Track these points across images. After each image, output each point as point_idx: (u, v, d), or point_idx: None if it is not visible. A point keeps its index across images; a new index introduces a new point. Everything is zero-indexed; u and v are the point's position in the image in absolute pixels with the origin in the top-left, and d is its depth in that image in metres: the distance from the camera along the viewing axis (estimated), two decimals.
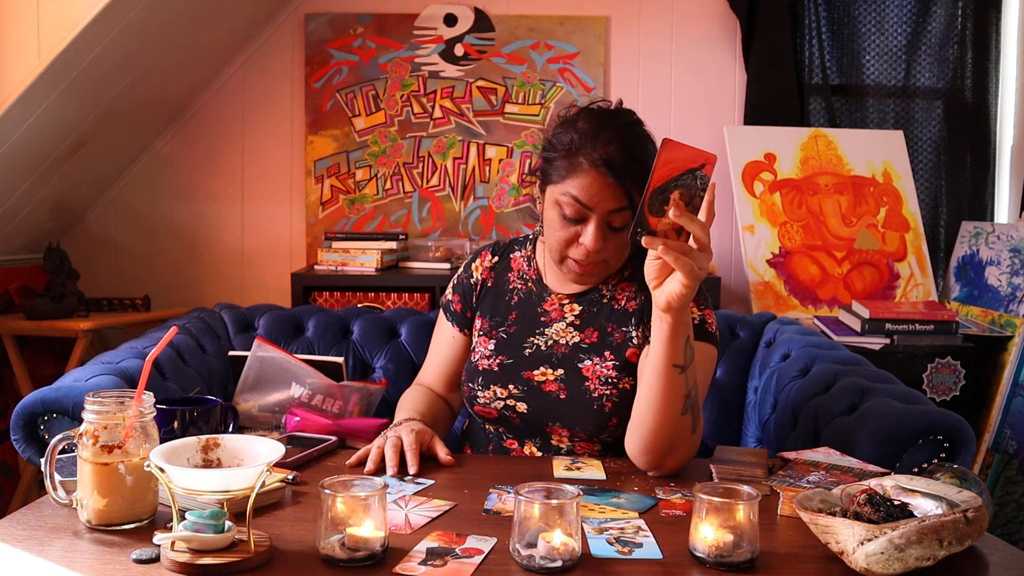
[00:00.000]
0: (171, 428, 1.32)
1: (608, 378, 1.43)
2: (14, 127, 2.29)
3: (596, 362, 1.45)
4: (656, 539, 1.05)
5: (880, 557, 0.91)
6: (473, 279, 1.61)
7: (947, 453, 1.41)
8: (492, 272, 1.60)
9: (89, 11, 2.13)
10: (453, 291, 1.63)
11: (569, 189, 1.37)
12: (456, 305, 1.61)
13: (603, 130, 1.36)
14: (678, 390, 1.27)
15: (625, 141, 1.36)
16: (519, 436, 1.51)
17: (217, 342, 2.06)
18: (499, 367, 1.49)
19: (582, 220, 1.38)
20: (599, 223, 1.37)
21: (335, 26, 3.10)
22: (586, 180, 1.35)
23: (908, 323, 2.53)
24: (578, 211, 1.37)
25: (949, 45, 3.15)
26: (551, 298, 1.53)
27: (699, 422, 1.33)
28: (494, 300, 1.57)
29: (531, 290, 1.55)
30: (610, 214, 1.37)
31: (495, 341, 1.52)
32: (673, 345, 1.25)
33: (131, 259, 3.16)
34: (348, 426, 1.56)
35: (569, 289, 1.53)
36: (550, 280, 1.55)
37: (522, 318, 1.53)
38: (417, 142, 3.13)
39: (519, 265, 1.59)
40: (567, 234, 1.40)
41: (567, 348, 1.48)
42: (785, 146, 2.96)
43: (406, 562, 0.96)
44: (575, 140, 1.37)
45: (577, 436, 1.46)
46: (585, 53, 3.11)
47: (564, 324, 1.50)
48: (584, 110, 1.43)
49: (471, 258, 1.64)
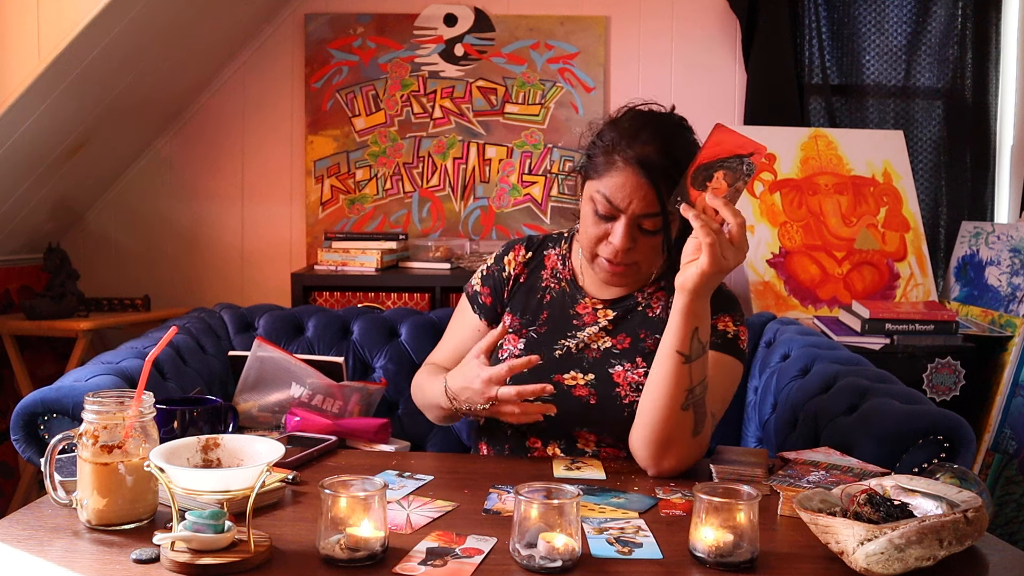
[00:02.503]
0: (171, 428, 1.32)
1: (639, 385, 1.41)
2: (14, 127, 2.29)
3: (627, 368, 1.43)
4: (656, 539, 1.05)
5: (880, 557, 0.91)
6: (505, 273, 1.57)
7: (947, 453, 1.41)
8: (525, 268, 1.57)
9: (89, 11, 2.13)
10: (482, 283, 1.59)
11: (602, 187, 1.36)
12: (485, 298, 1.57)
13: (644, 129, 1.35)
14: (680, 380, 1.25)
15: (665, 143, 1.34)
16: (544, 437, 1.47)
17: (217, 342, 2.06)
18: (529, 368, 1.48)
19: (613, 218, 1.37)
20: (628, 222, 1.35)
21: (335, 26, 3.10)
22: (620, 178, 1.34)
23: (908, 323, 2.53)
24: (609, 209, 1.36)
25: (949, 45, 3.15)
26: (585, 301, 1.50)
27: (704, 428, 1.30)
28: (525, 297, 1.54)
29: (564, 290, 1.53)
30: (640, 217, 1.35)
31: (524, 340, 1.49)
32: (679, 329, 1.24)
33: (131, 259, 3.16)
34: (348, 426, 1.56)
35: (605, 294, 1.50)
36: (586, 283, 1.52)
37: (553, 318, 1.50)
38: (417, 142, 3.13)
39: (553, 263, 1.56)
40: (598, 231, 1.39)
41: (598, 353, 1.45)
42: (785, 146, 2.96)
43: (406, 562, 0.96)
44: (615, 138, 1.36)
45: (604, 441, 1.44)
46: (585, 53, 3.11)
47: (597, 328, 1.47)
48: (631, 109, 1.42)
49: (503, 251, 1.60)
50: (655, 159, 1.32)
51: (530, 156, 3.13)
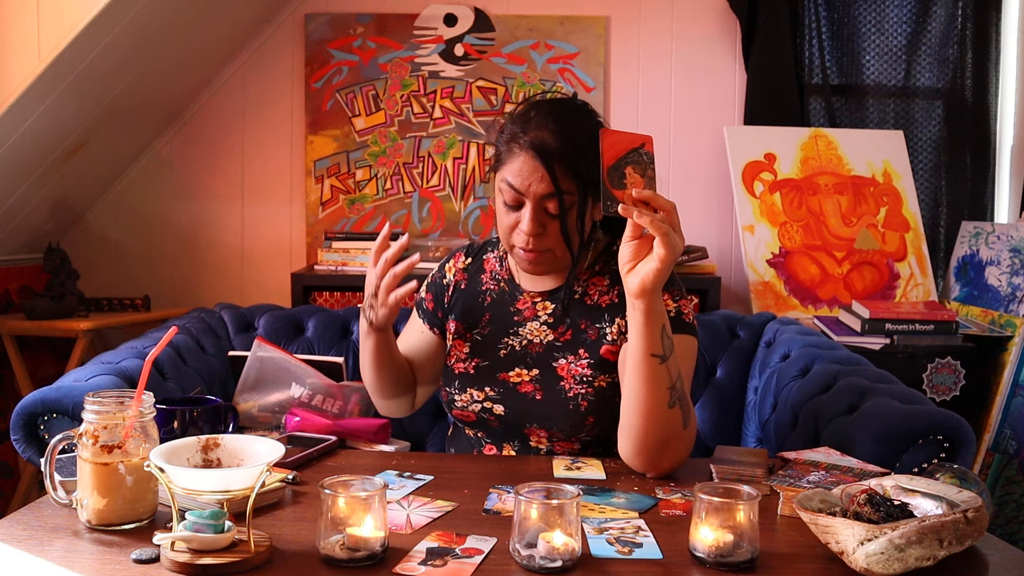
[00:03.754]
0: (171, 428, 1.32)
1: (583, 377, 1.43)
2: (14, 127, 2.29)
3: (571, 360, 1.44)
4: (656, 539, 1.05)
5: (880, 557, 0.91)
6: (446, 280, 1.60)
7: (947, 453, 1.41)
8: (465, 274, 1.59)
9: (89, 11, 2.13)
10: (427, 289, 1.62)
11: (505, 175, 1.39)
12: (428, 303, 1.60)
13: (539, 115, 1.39)
14: (661, 381, 1.26)
15: (558, 124, 1.37)
16: (497, 440, 1.50)
17: (217, 342, 2.06)
18: (475, 370, 1.48)
19: (520, 206, 1.39)
20: (534, 206, 1.37)
21: (335, 26, 3.10)
22: (518, 163, 1.37)
23: (908, 323, 2.53)
24: (514, 196, 1.38)
25: (949, 45, 3.15)
26: (523, 297, 1.52)
27: (690, 417, 1.31)
28: (467, 302, 1.56)
29: (503, 290, 1.54)
30: (543, 199, 1.37)
31: (470, 344, 1.52)
32: (649, 333, 1.24)
33: (131, 259, 3.16)
34: (348, 426, 1.56)
35: (540, 287, 1.51)
36: (522, 279, 1.54)
37: (495, 319, 1.52)
38: (417, 142, 3.13)
39: (491, 266, 1.58)
40: (510, 220, 1.41)
41: (541, 347, 1.47)
42: (785, 146, 2.96)
43: (406, 562, 0.96)
44: (513, 128, 1.40)
45: (555, 436, 1.45)
46: (585, 53, 3.11)
47: (538, 323, 1.49)
48: (529, 100, 1.45)
49: (446, 258, 1.63)
50: (548, 141, 1.35)
51: None
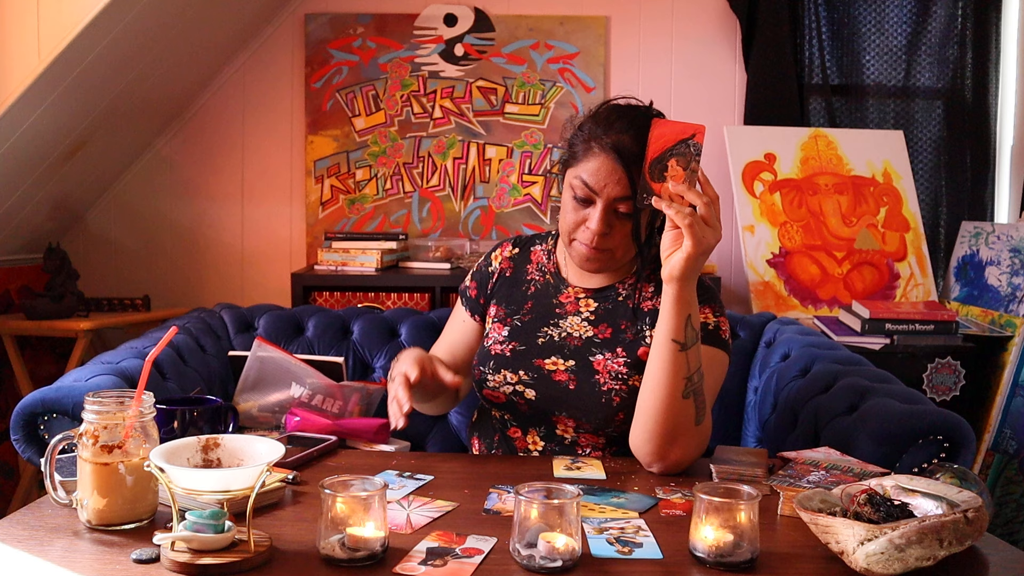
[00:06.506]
0: (171, 428, 1.32)
1: (618, 374, 1.45)
2: (14, 127, 2.29)
3: (608, 357, 1.47)
4: (656, 539, 1.05)
5: (880, 557, 0.91)
6: (491, 267, 1.64)
7: (947, 453, 1.41)
8: (511, 262, 1.64)
9: (89, 11, 2.13)
10: (471, 278, 1.66)
11: (580, 172, 1.43)
12: (472, 291, 1.64)
13: (620, 120, 1.42)
14: (678, 368, 1.30)
15: (640, 131, 1.39)
16: (524, 424, 1.51)
17: (217, 342, 2.06)
18: (511, 352, 1.51)
19: (590, 203, 1.43)
20: (604, 207, 1.41)
21: (335, 26, 3.10)
22: (595, 163, 1.41)
23: (908, 323, 2.53)
24: (586, 193, 1.42)
25: (949, 45, 3.15)
26: (568, 291, 1.55)
27: (705, 416, 1.34)
28: (510, 289, 1.60)
29: (548, 282, 1.58)
30: (616, 201, 1.41)
31: (509, 328, 1.54)
32: (673, 318, 1.29)
33: (131, 259, 3.16)
34: (348, 426, 1.56)
35: (587, 283, 1.55)
36: (569, 274, 1.58)
37: (537, 308, 1.55)
38: (417, 142, 3.13)
39: (539, 258, 1.62)
40: (577, 217, 1.45)
41: (580, 341, 1.49)
42: (785, 146, 2.96)
43: (406, 562, 0.96)
44: (593, 127, 1.44)
45: (583, 427, 1.47)
46: (585, 53, 3.11)
47: (579, 318, 1.52)
48: (609, 103, 1.49)
49: (493, 248, 1.68)
50: (629, 146, 1.39)
51: (530, 156, 3.13)
